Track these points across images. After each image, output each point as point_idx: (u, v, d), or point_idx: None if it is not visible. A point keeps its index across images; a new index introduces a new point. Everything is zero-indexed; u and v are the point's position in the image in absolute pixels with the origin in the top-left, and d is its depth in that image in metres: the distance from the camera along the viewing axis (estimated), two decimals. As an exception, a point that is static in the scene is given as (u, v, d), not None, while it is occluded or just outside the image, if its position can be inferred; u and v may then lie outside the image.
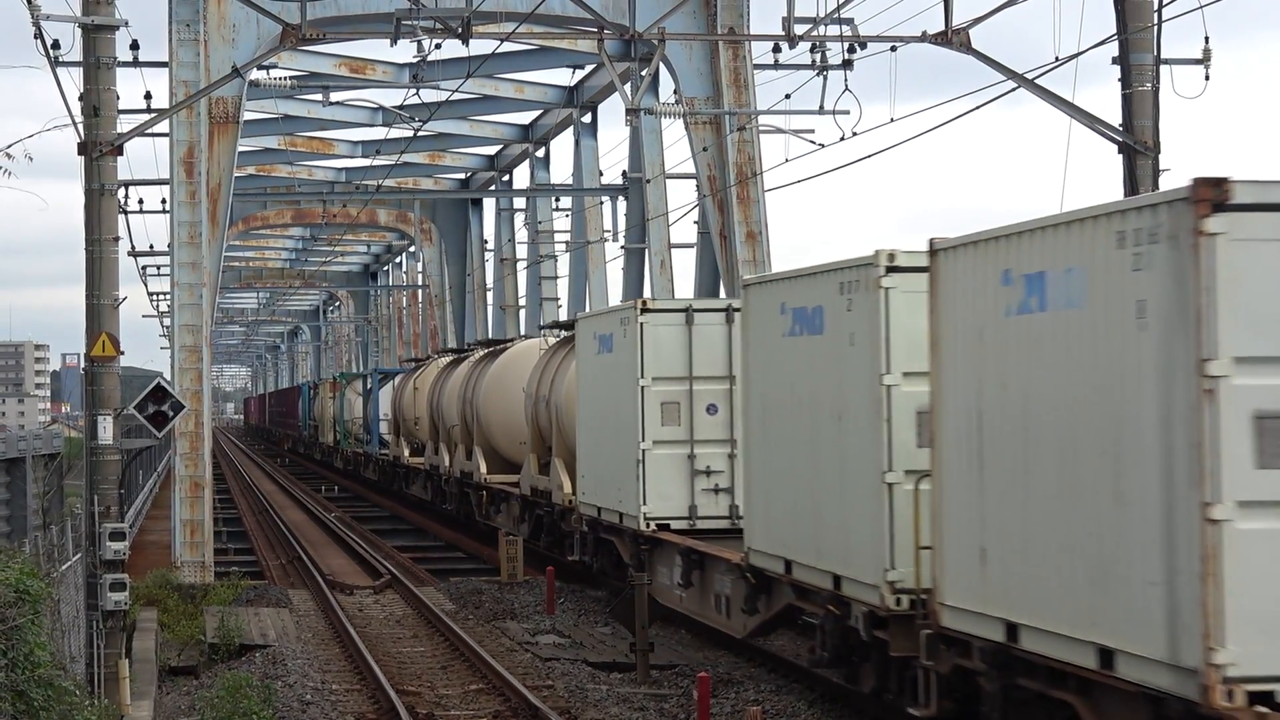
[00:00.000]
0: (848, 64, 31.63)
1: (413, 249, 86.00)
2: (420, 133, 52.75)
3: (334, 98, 53.47)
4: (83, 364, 25.35)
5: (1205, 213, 13.66)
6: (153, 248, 54.19)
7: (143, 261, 57.94)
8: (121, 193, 41.02)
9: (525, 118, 62.00)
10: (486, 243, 73.33)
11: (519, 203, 68.64)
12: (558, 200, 60.25)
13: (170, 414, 25.18)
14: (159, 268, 58.96)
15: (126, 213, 43.38)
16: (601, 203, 56.01)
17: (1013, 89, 27.68)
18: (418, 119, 50.08)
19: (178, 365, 38.54)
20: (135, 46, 34.00)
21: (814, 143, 34.37)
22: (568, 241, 59.10)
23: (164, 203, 43.23)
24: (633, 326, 28.60)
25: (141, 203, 45.46)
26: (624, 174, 53.53)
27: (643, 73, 38.11)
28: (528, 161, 64.54)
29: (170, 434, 35.99)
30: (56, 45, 26.09)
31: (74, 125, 24.44)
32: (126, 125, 27.45)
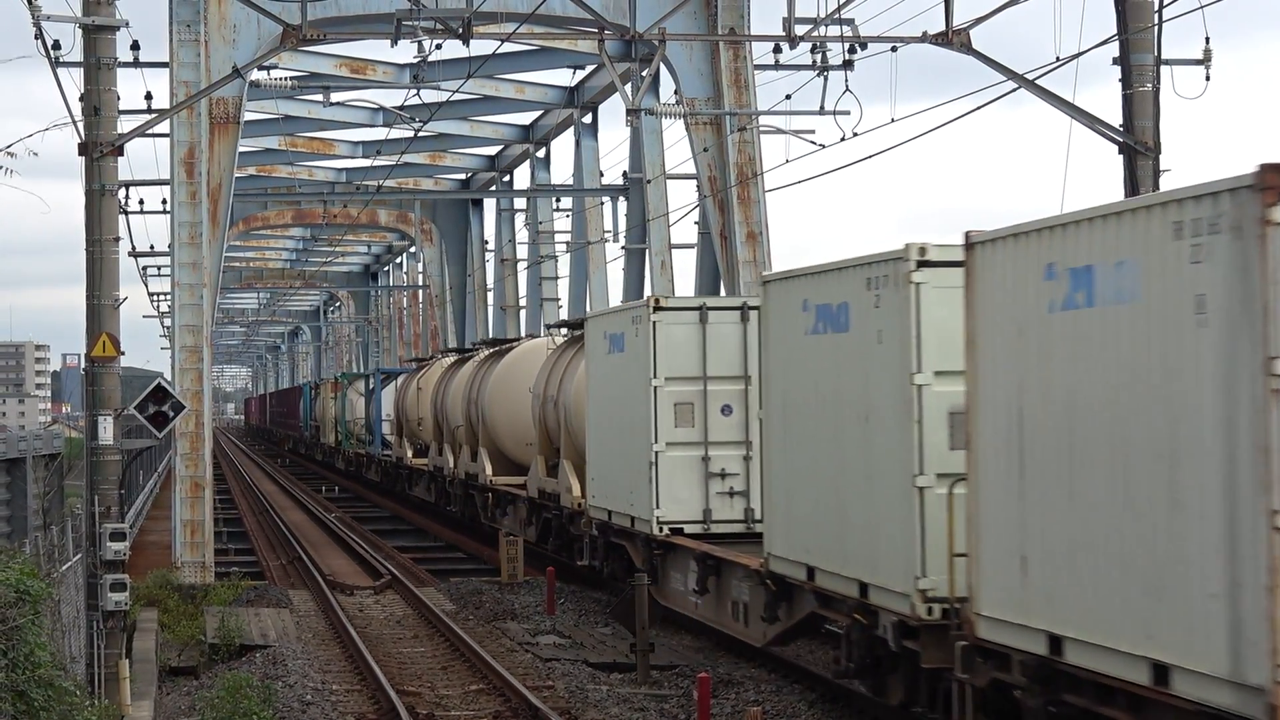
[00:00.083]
0: (848, 64, 31.65)
1: (413, 249, 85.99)
2: (421, 133, 52.75)
3: (334, 98, 53.44)
4: (83, 364, 25.34)
5: (1272, 201, 12.87)
6: (153, 248, 54.20)
7: (143, 262, 57.95)
8: (122, 193, 41.05)
9: (526, 118, 62.00)
10: (487, 243, 73.34)
11: (519, 203, 68.64)
12: (558, 201, 60.23)
13: (171, 414, 25.18)
14: (159, 268, 58.97)
15: (127, 213, 43.39)
16: (602, 203, 56.00)
17: (1013, 89, 27.69)
18: (418, 119, 50.07)
19: (178, 365, 38.53)
20: (136, 47, 34.01)
21: (814, 143, 34.41)
22: (568, 242, 59.09)
23: (164, 203, 43.25)
24: (645, 325, 28.03)
25: (142, 203, 45.51)
26: (624, 174, 53.51)
27: (643, 73, 38.10)
28: (528, 162, 64.51)
29: (171, 434, 36.00)
30: (57, 45, 26.09)
31: (74, 125, 24.45)
32: (127, 126, 27.48)
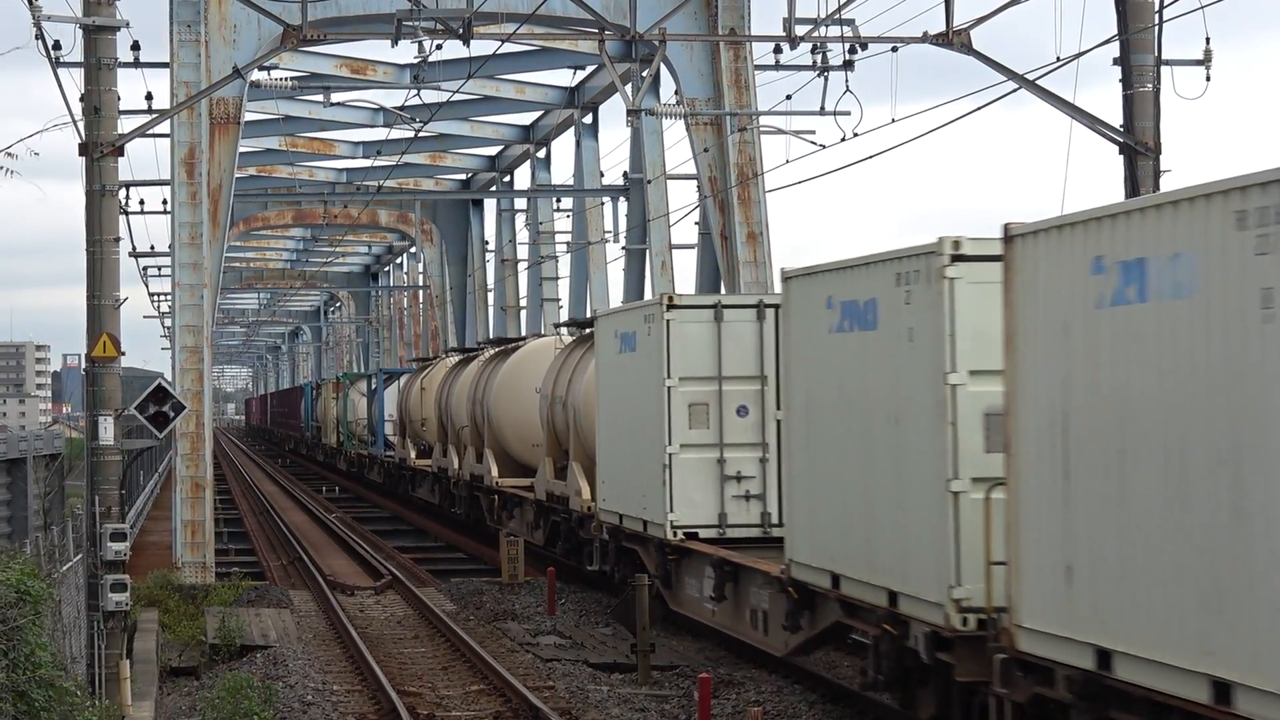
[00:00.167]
0: (849, 65, 31.66)
1: (413, 250, 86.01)
2: (421, 133, 52.76)
3: (335, 98, 53.47)
4: (84, 365, 25.34)
5: None
6: (154, 248, 54.30)
7: (144, 262, 57.99)
8: (122, 193, 41.08)
9: (526, 118, 62.02)
10: (487, 243, 73.35)
11: (520, 203, 68.65)
12: (558, 201, 60.25)
13: (171, 414, 25.17)
14: (160, 268, 59.03)
15: (127, 213, 43.45)
16: (602, 203, 56.02)
17: (1014, 90, 27.70)
18: (418, 120, 50.09)
19: (179, 366, 38.54)
20: (136, 47, 34.01)
21: (815, 144, 34.43)
22: (569, 242, 59.10)
23: (165, 203, 43.28)
24: (658, 324, 27.27)
25: (143, 203, 45.59)
26: (625, 175, 53.53)
27: (644, 73, 38.10)
28: (529, 162, 64.53)
29: (171, 435, 35.99)
30: (58, 46, 26.07)
31: (74, 125, 24.45)
32: (128, 126, 27.49)
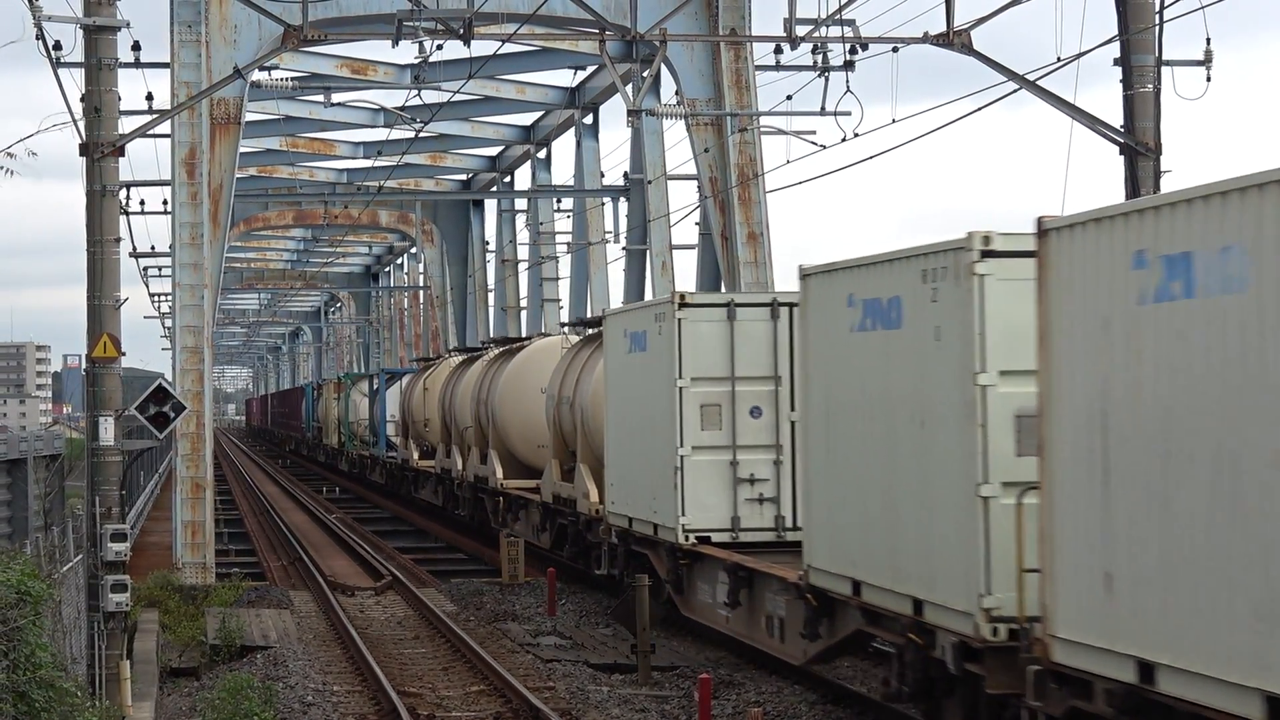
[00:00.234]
0: (849, 65, 31.66)
1: (414, 250, 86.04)
2: (422, 134, 52.79)
3: (335, 99, 53.49)
4: (84, 365, 25.34)
5: None
6: (154, 249, 54.30)
7: (144, 262, 57.95)
8: (123, 194, 41.08)
9: (527, 119, 62.04)
10: (488, 244, 73.39)
11: (520, 204, 68.68)
12: (559, 201, 60.27)
13: (171, 415, 25.17)
14: (160, 269, 59.01)
15: (128, 214, 43.44)
16: (603, 204, 56.03)
17: (1014, 90, 27.71)
18: (419, 120, 50.11)
19: (179, 366, 38.54)
20: (137, 47, 33.99)
21: (815, 144, 34.44)
22: (569, 243, 59.12)
23: (165, 204, 43.27)
24: (669, 322, 26.67)
25: (143, 204, 45.58)
26: (625, 175, 53.56)
27: (644, 74, 38.12)
28: (529, 163, 64.56)
29: (171, 435, 35.98)
30: (58, 46, 26.07)
31: (74, 125, 24.44)
32: (128, 126, 27.50)
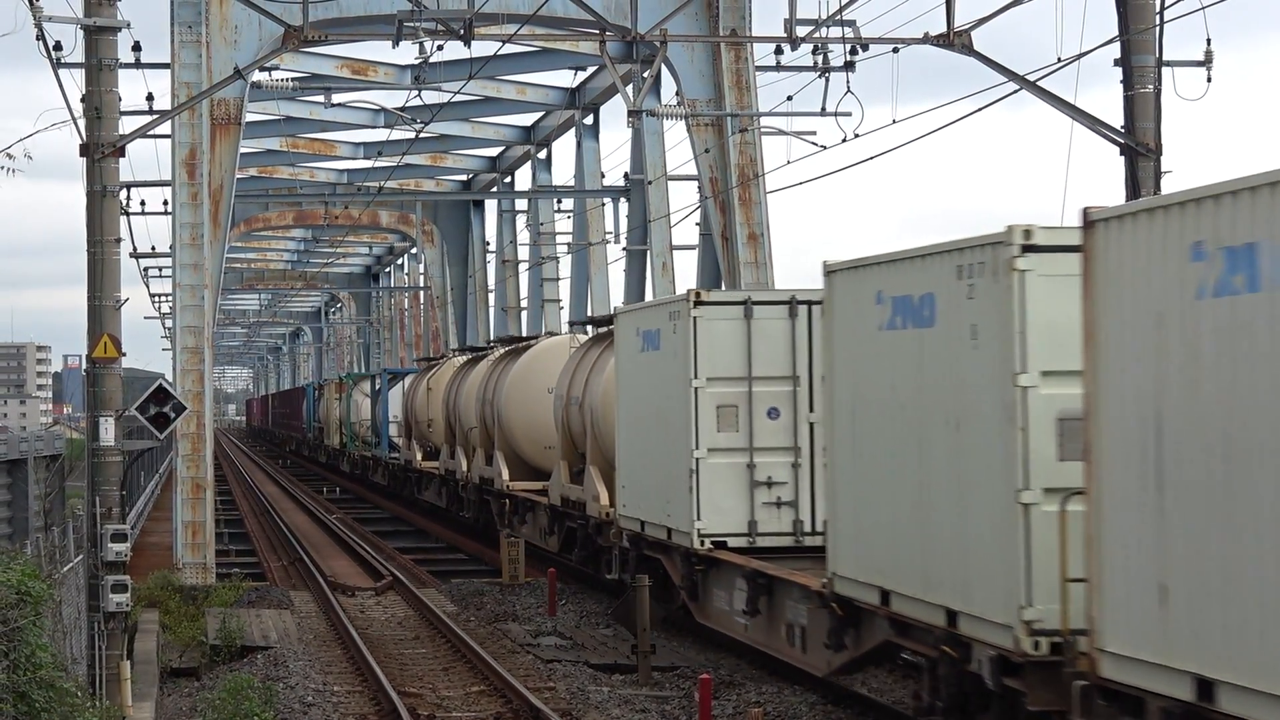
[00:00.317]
0: (849, 66, 31.64)
1: (414, 250, 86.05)
2: (422, 134, 52.79)
3: (336, 99, 53.45)
4: (85, 365, 25.34)
5: None
6: (154, 249, 54.25)
7: (144, 263, 57.95)
8: (123, 194, 41.07)
9: (527, 119, 62.04)
10: (488, 244, 73.40)
11: (521, 204, 68.69)
12: (559, 202, 60.25)
13: (172, 415, 25.18)
14: (161, 269, 59.00)
15: (128, 214, 43.43)
16: (603, 204, 56.03)
17: (1014, 91, 27.70)
18: (419, 120, 50.11)
19: (179, 366, 38.54)
20: (137, 48, 33.98)
21: (816, 144, 34.45)
22: (569, 243, 59.12)
23: (166, 204, 43.25)
24: (684, 321, 25.99)
25: (144, 204, 45.56)
26: (626, 175, 53.56)
27: (645, 74, 38.12)
28: (529, 163, 64.56)
29: (172, 435, 35.98)
30: (59, 47, 26.08)
31: (73, 123, 24.45)
32: (129, 126, 27.48)
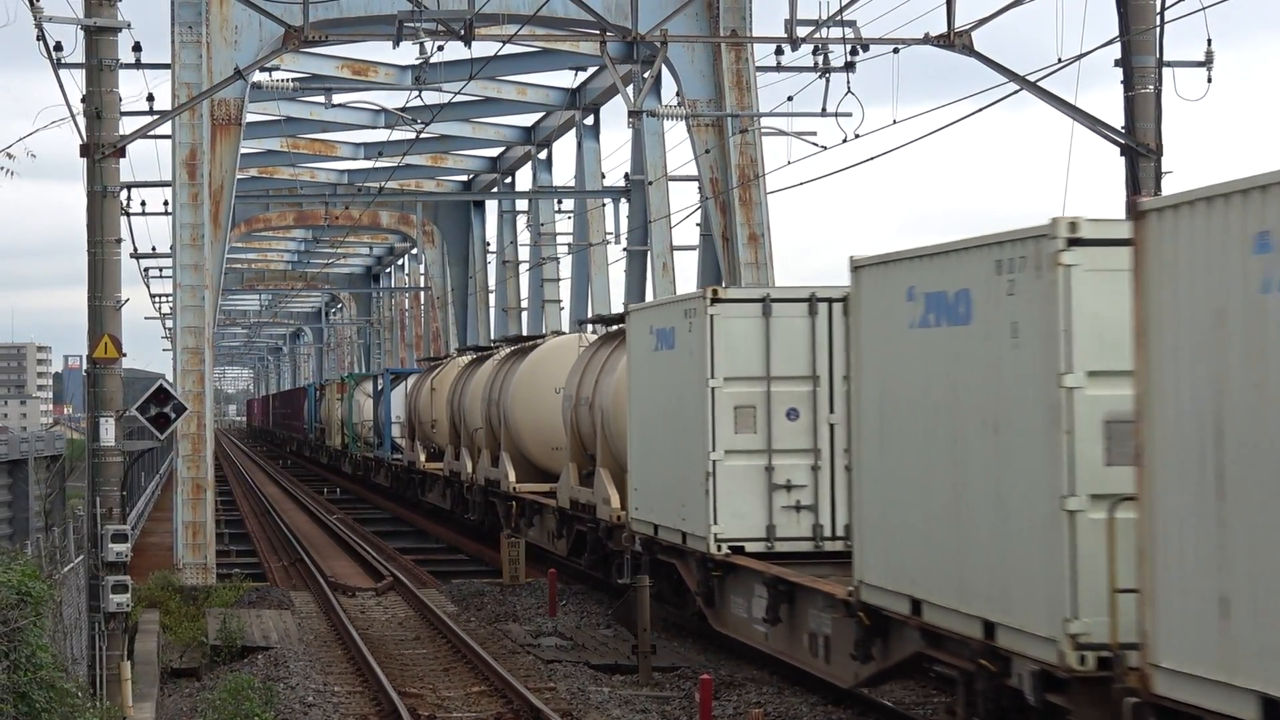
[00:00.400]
0: (850, 66, 31.63)
1: (415, 251, 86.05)
2: (422, 135, 52.80)
3: (336, 100, 53.43)
4: (85, 366, 25.35)
5: None
6: (155, 249, 54.28)
7: (145, 263, 57.93)
8: (124, 194, 41.06)
9: (527, 120, 62.04)
10: (489, 245, 73.41)
11: (521, 205, 68.69)
12: (560, 202, 60.25)
13: (172, 416, 25.18)
14: (161, 269, 59.00)
15: (129, 214, 43.43)
16: (604, 205, 56.03)
17: (1015, 91, 27.71)
18: (420, 121, 50.13)
19: (180, 367, 38.55)
20: (138, 48, 33.96)
21: (816, 145, 34.46)
22: (570, 244, 59.12)
23: (166, 204, 43.25)
24: (700, 319, 25.32)
25: (144, 204, 45.56)
26: (626, 176, 53.54)
27: (645, 75, 38.12)
28: (530, 163, 64.57)
29: (172, 436, 35.99)
30: (59, 47, 26.08)
31: (73, 123, 24.45)
32: (129, 127, 27.50)
